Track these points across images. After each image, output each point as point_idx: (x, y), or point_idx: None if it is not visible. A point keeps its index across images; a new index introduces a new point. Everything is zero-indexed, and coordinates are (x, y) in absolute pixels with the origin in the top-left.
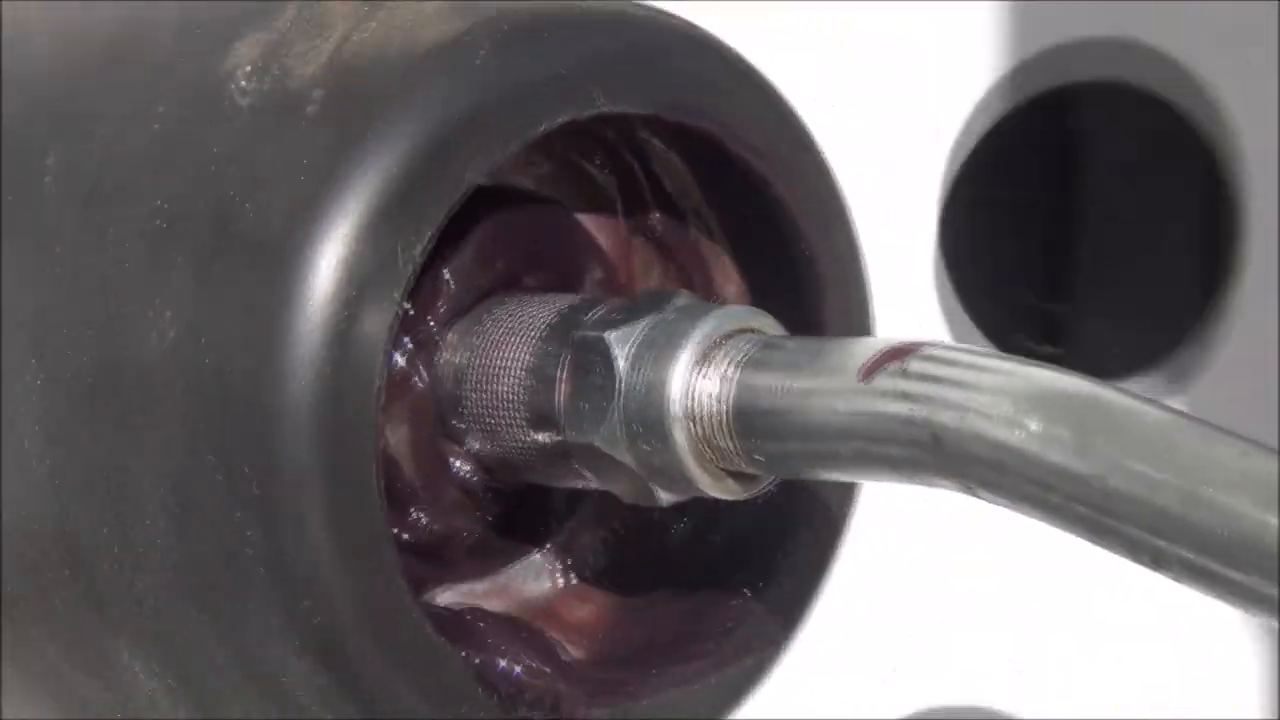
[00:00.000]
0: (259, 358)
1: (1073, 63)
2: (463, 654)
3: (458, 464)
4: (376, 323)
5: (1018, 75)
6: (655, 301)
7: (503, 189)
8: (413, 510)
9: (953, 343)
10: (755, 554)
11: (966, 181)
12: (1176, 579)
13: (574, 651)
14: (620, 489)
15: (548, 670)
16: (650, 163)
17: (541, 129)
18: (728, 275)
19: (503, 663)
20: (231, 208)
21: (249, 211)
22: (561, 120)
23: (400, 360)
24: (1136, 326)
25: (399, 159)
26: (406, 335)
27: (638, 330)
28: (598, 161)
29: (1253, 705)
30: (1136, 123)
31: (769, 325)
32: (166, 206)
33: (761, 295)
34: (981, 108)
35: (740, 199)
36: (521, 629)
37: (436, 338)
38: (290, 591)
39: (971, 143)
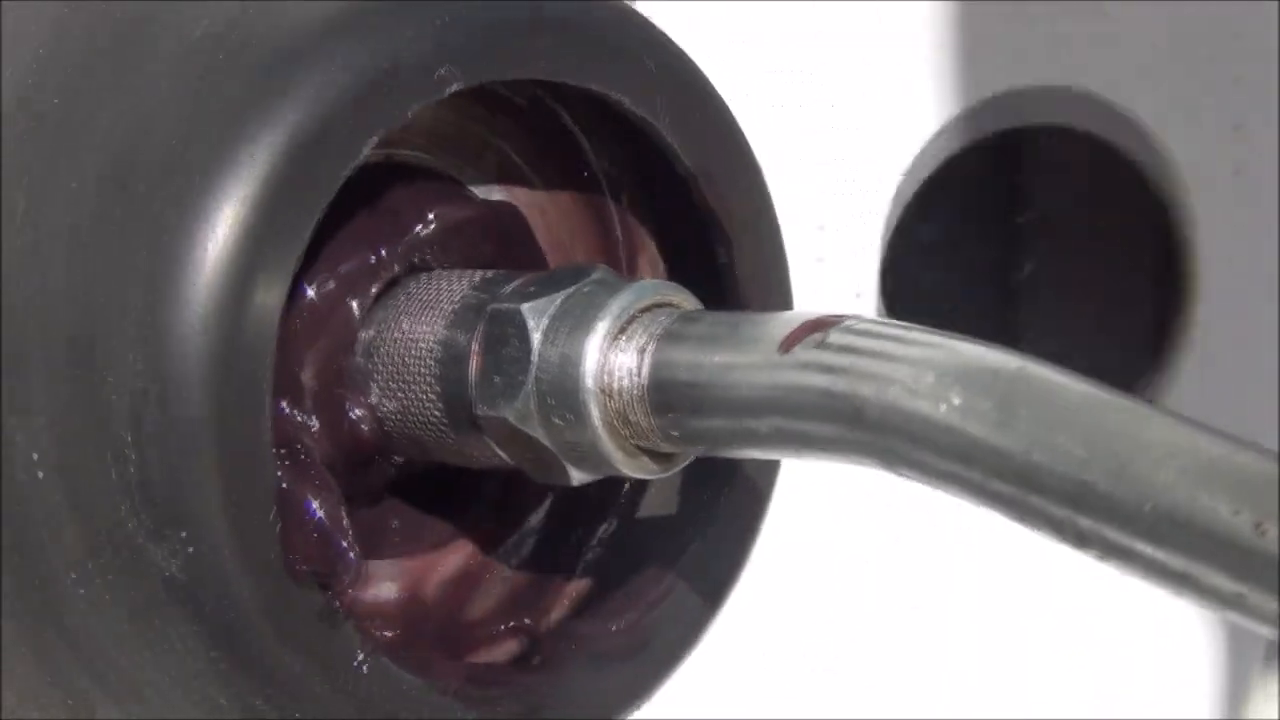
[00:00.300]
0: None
1: (1020, 108)
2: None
3: (365, 432)
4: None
5: (965, 119)
6: (572, 275)
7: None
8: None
9: (875, 316)
10: (674, 533)
11: (911, 222)
12: (1101, 559)
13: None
14: (531, 466)
15: (349, 534)
16: (579, 140)
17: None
18: (645, 249)
19: (313, 502)
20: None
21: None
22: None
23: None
24: (1087, 365)
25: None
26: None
27: (554, 303)
28: (522, 136)
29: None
30: (1084, 164)
31: (686, 300)
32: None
33: (679, 270)
34: (928, 150)
35: (651, 171)
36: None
37: (346, 312)
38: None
39: (916, 184)
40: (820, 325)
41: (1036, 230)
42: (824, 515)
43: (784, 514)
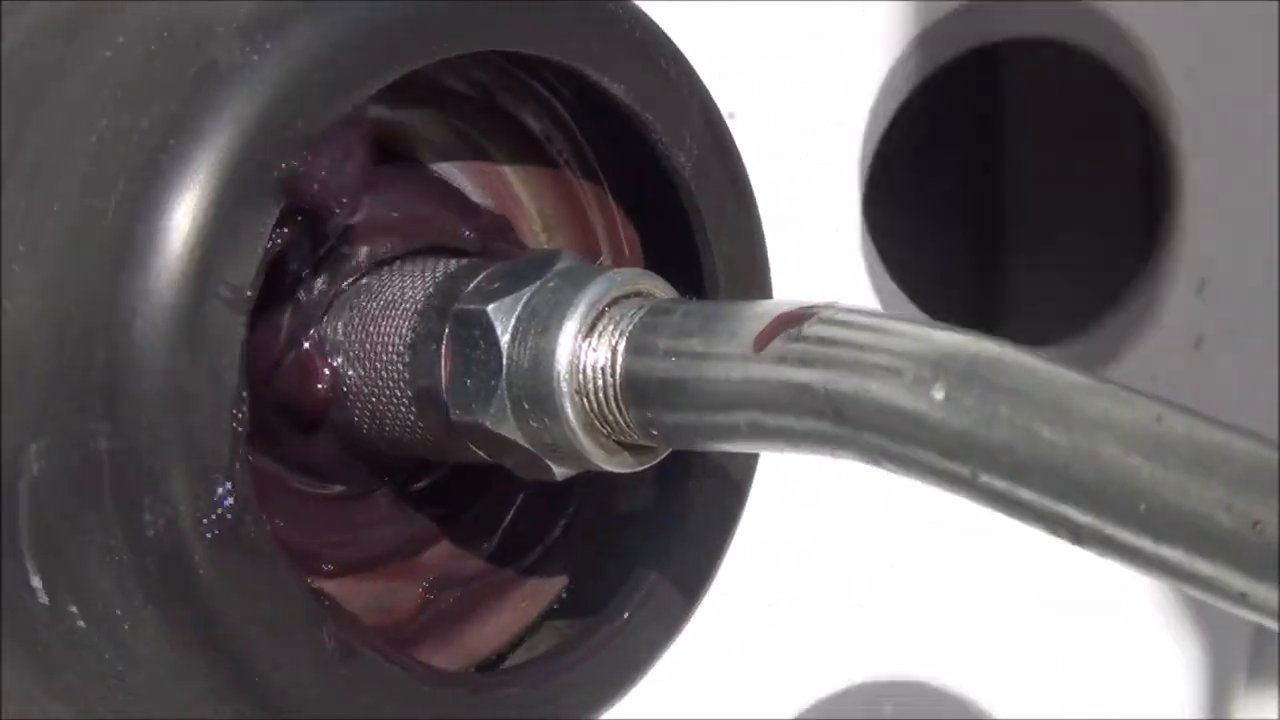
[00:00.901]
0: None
1: (988, 21)
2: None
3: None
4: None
5: (933, 32)
6: (537, 266)
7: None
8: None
9: (851, 304)
10: (654, 524)
11: (889, 154)
12: (1100, 555)
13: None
14: (514, 464)
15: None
16: (552, 116)
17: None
18: (624, 235)
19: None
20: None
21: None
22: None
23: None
24: (1072, 291)
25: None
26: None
27: (520, 300)
28: (464, 109)
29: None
30: (1063, 80)
31: (658, 287)
32: None
33: (651, 241)
34: (894, 75)
35: (622, 147)
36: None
37: (310, 312)
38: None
39: (889, 112)
40: (796, 318)
41: (1018, 147)
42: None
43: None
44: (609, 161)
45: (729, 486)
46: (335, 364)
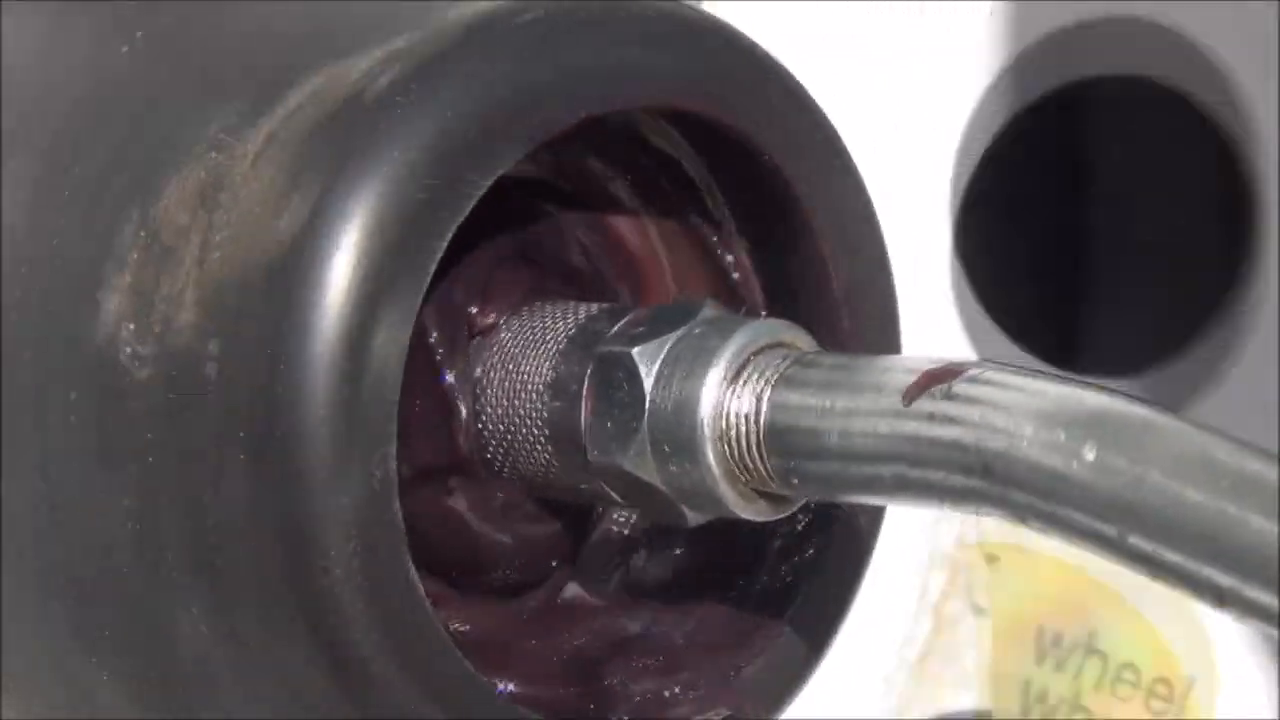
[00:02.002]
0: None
1: (1079, 56)
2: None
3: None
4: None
5: (1020, 69)
6: (681, 314)
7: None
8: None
9: (1000, 363)
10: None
11: (980, 181)
12: (1242, 619)
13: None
14: (647, 509)
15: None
16: (683, 168)
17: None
18: (750, 282)
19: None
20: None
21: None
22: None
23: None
24: (1154, 323)
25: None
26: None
27: (665, 345)
28: (615, 163)
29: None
30: (1148, 117)
31: (801, 340)
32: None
33: (782, 304)
34: (987, 104)
35: (765, 204)
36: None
37: (455, 353)
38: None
39: (984, 142)
40: (946, 375)
41: (1104, 187)
42: None
43: None
44: (741, 211)
45: (856, 539)
46: (476, 403)
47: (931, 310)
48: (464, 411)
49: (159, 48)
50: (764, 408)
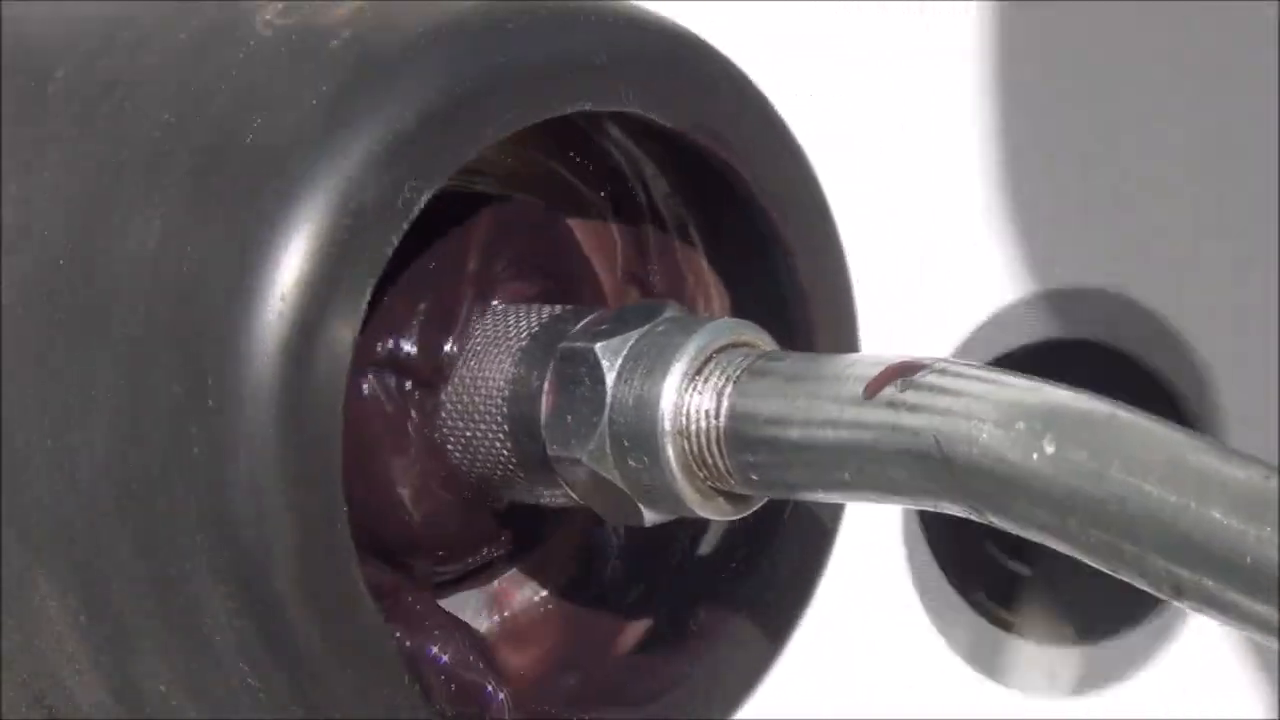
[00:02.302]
0: (238, 276)
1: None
2: (396, 634)
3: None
4: (364, 268)
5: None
6: (644, 313)
7: (484, 194)
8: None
9: (959, 360)
10: (736, 572)
11: None
12: (1198, 610)
13: (517, 666)
14: (604, 507)
15: (481, 668)
16: (640, 171)
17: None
18: (711, 291)
19: (434, 649)
20: (236, 127)
21: (253, 133)
22: (580, 108)
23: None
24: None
25: (413, 106)
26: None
27: (628, 342)
28: (586, 168)
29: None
30: (1112, 381)
31: (762, 340)
32: (172, 120)
33: (743, 306)
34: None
35: (724, 208)
36: (466, 631)
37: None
38: (226, 527)
39: None
40: (906, 369)
41: None
42: None
43: None
44: (701, 215)
45: (816, 531)
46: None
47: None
48: (421, 409)
49: None
50: (725, 405)
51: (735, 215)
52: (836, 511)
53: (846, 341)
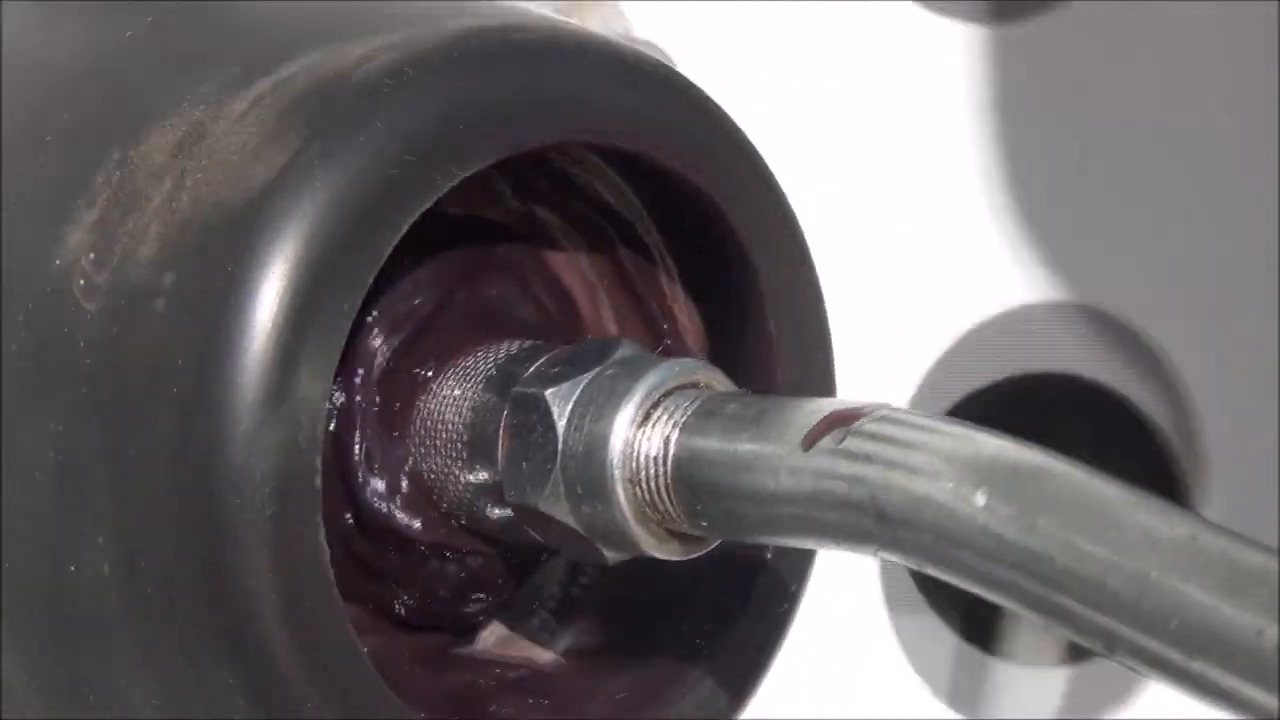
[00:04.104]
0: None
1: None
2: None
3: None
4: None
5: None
6: (595, 353)
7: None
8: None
9: (901, 407)
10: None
11: None
12: (1130, 666)
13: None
14: (566, 548)
15: None
16: (608, 201)
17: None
18: (686, 321)
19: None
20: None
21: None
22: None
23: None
24: None
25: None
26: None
27: (577, 387)
28: (551, 201)
29: None
30: (1085, 411)
31: (716, 379)
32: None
33: (718, 343)
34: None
35: (700, 243)
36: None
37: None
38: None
39: None
40: (846, 417)
41: None
42: None
43: None
44: (677, 250)
45: (783, 581)
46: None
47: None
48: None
49: (161, 30)
50: (671, 450)
51: (712, 252)
52: (803, 566)
53: (818, 373)
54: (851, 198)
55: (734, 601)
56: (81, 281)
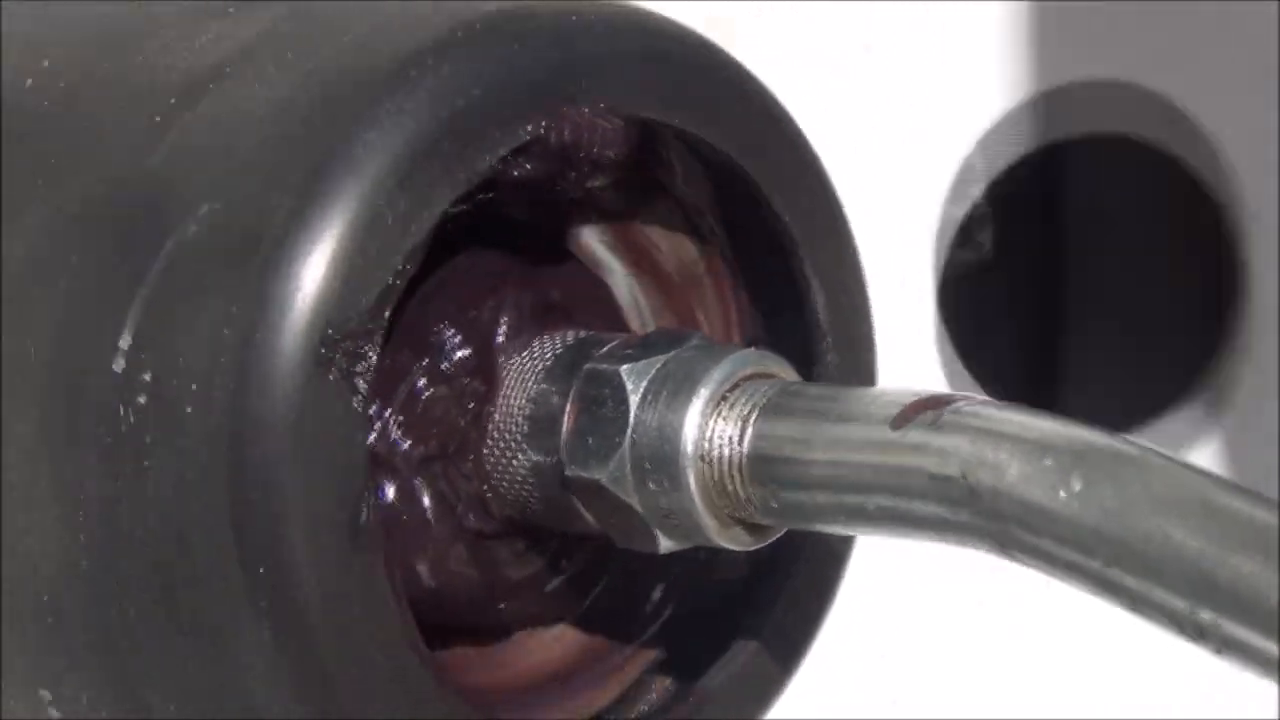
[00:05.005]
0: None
1: (1062, 116)
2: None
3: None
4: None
5: (1008, 127)
6: (670, 340)
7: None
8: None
9: (985, 398)
10: (748, 597)
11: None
12: (1220, 654)
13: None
14: (618, 531)
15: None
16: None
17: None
18: (732, 312)
19: None
20: None
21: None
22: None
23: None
24: (1137, 384)
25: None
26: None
27: (653, 366)
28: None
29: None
30: (1133, 174)
31: (785, 371)
32: None
33: (765, 336)
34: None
35: (751, 235)
36: None
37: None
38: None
39: (959, 214)
40: (933, 404)
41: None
42: None
43: None
44: (728, 239)
45: (828, 558)
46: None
47: (911, 361)
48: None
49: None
50: (748, 434)
51: (762, 243)
52: (847, 545)
53: (863, 369)
54: None
55: (783, 565)
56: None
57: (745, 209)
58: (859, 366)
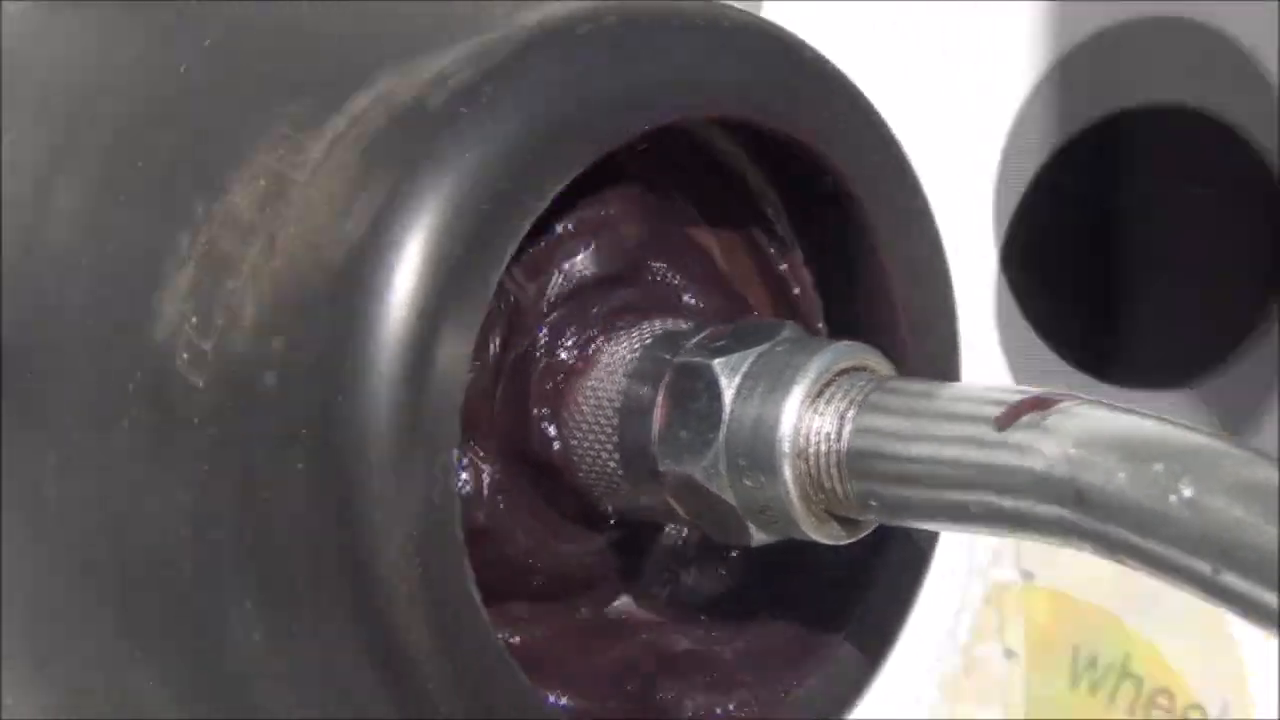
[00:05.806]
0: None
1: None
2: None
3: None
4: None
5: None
6: (763, 331)
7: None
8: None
9: (1089, 398)
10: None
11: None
12: None
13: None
14: (712, 525)
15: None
16: (735, 176)
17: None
18: (811, 302)
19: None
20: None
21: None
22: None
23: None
24: (1188, 341)
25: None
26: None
27: (746, 359)
28: (676, 174)
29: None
30: (1190, 145)
31: (880, 364)
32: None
33: (842, 325)
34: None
35: (827, 221)
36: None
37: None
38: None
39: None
40: (1038, 405)
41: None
42: None
43: None
44: (803, 228)
45: (914, 553)
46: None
47: (972, 320)
48: (535, 422)
49: (224, 50)
50: (847, 429)
51: (839, 231)
52: (932, 536)
53: (949, 369)
54: None
55: (868, 565)
56: (186, 355)
57: (826, 205)
58: (942, 359)
